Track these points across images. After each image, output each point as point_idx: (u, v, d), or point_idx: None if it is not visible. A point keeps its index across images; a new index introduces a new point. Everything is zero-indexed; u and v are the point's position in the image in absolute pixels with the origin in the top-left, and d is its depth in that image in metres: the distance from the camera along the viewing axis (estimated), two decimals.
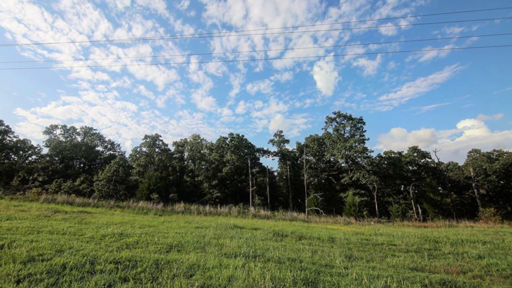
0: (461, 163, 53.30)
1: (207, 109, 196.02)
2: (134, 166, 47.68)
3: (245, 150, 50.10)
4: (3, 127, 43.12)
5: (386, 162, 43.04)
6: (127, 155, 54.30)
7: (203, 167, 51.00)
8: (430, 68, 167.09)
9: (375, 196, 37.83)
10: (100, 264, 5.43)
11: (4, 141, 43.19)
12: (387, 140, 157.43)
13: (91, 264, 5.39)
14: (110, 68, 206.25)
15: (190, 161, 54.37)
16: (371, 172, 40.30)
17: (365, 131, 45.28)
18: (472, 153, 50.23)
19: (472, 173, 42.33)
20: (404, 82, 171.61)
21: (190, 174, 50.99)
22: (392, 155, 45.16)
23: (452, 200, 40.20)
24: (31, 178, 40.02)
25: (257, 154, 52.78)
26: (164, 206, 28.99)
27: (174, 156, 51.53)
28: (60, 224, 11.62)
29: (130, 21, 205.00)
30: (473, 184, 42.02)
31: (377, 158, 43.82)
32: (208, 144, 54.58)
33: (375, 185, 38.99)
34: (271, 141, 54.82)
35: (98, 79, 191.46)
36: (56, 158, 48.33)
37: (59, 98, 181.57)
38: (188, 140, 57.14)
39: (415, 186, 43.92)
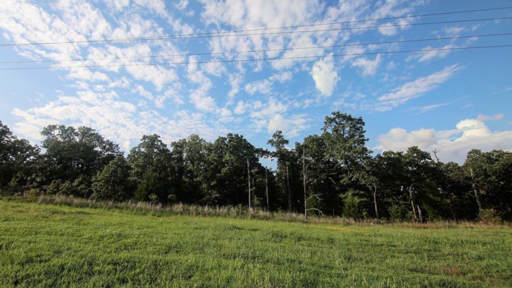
0: (461, 163, 53.50)
1: (206, 110, 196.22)
2: (132, 166, 47.57)
3: (244, 151, 50.06)
4: (1, 128, 42.93)
5: (385, 163, 43.08)
6: (125, 156, 54.34)
7: (202, 167, 50.91)
8: (429, 68, 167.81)
9: (374, 196, 37.85)
10: (99, 265, 5.40)
11: (2, 141, 43.01)
12: (386, 140, 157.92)
13: (89, 265, 5.36)
14: (108, 68, 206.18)
15: (188, 161, 54.29)
16: (370, 172, 40.33)
17: (364, 131, 45.33)
18: (472, 154, 50.29)
19: (472, 174, 42.40)
20: (403, 82, 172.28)
21: (188, 175, 50.90)
22: (392, 156, 45.19)
23: (452, 200, 40.23)
24: (29, 178, 39.84)
25: (256, 155, 52.75)
26: (162, 207, 28.91)
27: (172, 156, 51.46)
28: (58, 225, 11.56)
29: (128, 21, 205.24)
30: (473, 185, 42.08)
31: (377, 159, 43.87)
32: (206, 145, 54.51)
33: (375, 186, 39.01)
34: (270, 141, 54.84)
35: (96, 79, 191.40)
36: (54, 159, 48.19)
37: (57, 99, 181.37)
38: (187, 140, 57.07)
39: (414, 187, 43.97)
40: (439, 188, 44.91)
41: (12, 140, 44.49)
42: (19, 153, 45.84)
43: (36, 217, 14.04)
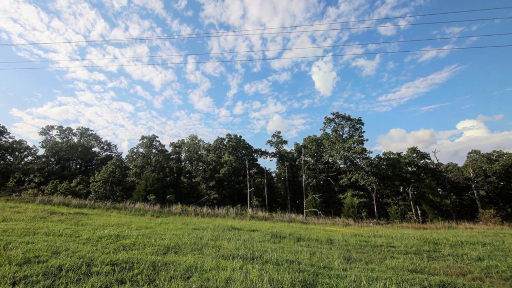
0: (460, 164, 53.63)
1: (205, 110, 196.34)
2: (130, 167, 47.43)
3: (243, 151, 50.02)
4: None
5: (385, 163, 43.12)
6: (123, 156, 54.14)
7: (201, 168, 50.80)
8: (429, 68, 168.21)
9: (374, 197, 37.85)
10: (97, 266, 5.37)
11: (0, 142, 42.85)
12: (386, 141, 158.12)
13: (87, 266, 5.33)
14: (106, 68, 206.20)
15: (187, 162, 54.16)
16: (370, 173, 40.35)
17: (363, 131, 45.42)
18: (471, 154, 50.37)
19: (471, 174, 42.46)
20: (403, 82, 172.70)
21: (187, 175, 50.79)
22: (391, 156, 45.24)
23: (452, 201, 40.25)
24: (27, 179, 39.68)
25: (255, 155, 52.70)
26: (161, 208, 28.84)
27: (171, 157, 51.34)
28: (56, 226, 11.50)
29: (127, 21, 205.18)
30: (473, 185, 42.12)
31: (376, 159, 43.91)
32: (205, 145, 54.38)
33: (374, 186, 39.02)
34: (269, 142, 54.82)
35: (95, 79, 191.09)
36: (52, 159, 48.00)
37: (55, 99, 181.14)
38: (185, 141, 56.92)
39: (414, 187, 44.00)
40: (438, 189, 44.91)
41: (10, 140, 44.35)
42: (17, 153, 45.68)
43: (34, 217, 13.98)
